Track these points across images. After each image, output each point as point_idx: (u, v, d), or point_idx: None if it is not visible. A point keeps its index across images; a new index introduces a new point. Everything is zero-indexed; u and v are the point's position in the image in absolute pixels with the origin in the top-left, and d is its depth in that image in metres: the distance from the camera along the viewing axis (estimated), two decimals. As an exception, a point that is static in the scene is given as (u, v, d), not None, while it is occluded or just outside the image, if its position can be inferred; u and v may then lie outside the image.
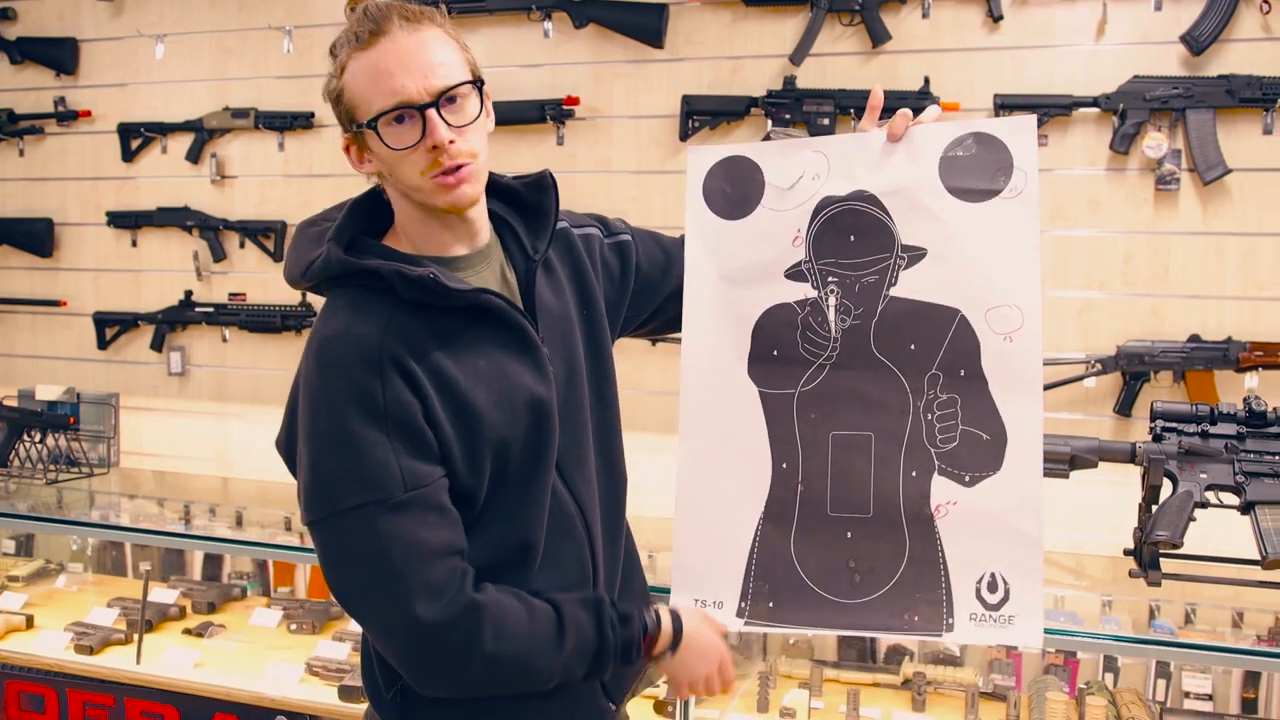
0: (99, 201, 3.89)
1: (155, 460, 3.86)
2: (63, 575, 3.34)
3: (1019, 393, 1.59)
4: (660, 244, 1.75)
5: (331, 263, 1.39)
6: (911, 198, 1.61)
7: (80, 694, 2.58)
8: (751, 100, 3.13)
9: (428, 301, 1.37)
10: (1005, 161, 1.59)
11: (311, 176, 3.62)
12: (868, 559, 1.63)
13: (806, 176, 1.66)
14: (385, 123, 1.34)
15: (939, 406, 1.61)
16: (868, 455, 1.62)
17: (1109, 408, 2.90)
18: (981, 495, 1.59)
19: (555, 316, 1.53)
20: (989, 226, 1.59)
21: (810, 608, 1.65)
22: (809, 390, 1.66)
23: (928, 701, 2.39)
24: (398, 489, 1.31)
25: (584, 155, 3.34)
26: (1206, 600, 2.17)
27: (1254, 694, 2.44)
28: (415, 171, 1.37)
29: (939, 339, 1.61)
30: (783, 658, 2.57)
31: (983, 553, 1.60)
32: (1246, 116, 2.81)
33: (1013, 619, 1.58)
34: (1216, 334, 2.83)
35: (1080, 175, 2.94)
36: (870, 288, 1.64)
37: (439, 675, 1.36)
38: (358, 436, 1.31)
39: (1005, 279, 1.59)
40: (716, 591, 1.69)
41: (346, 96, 1.37)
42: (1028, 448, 1.58)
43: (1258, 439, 1.96)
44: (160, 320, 3.78)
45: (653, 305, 1.74)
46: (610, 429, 1.61)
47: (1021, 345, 1.58)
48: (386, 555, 1.31)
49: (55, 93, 3.92)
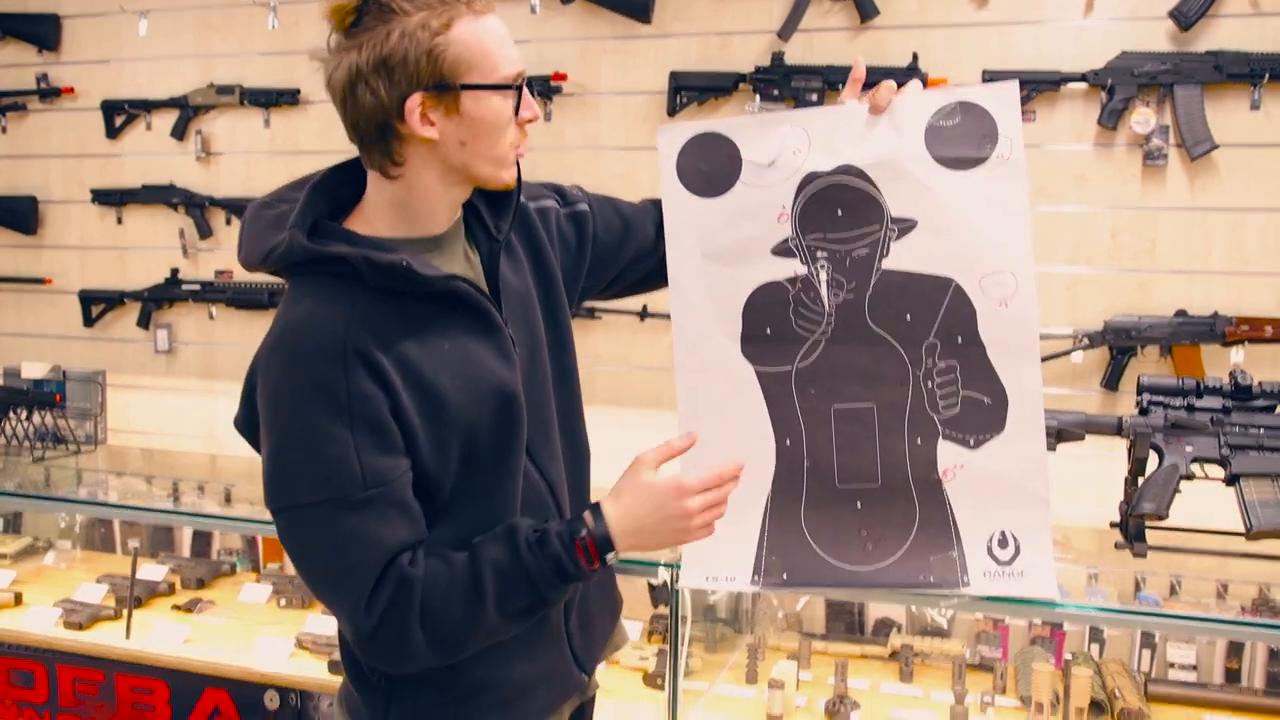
0: (83, 179, 3.87)
1: (143, 438, 3.85)
2: (51, 552, 3.34)
3: (1017, 356, 1.62)
4: (618, 210, 1.74)
5: (295, 249, 1.36)
6: (898, 169, 1.61)
7: (70, 670, 2.58)
8: (740, 76, 3.13)
9: (395, 288, 1.35)
10: (990, 129, 1.59)
11: (298, 153, 3.60)
12: (879, 527, 1.66)
13: (786, 151, 1.66)
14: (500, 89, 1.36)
15: (939, 374, 1.63)
16: (871, 426, 1.64)
17: (1096, 382, 2.92)
18: (987, 456, 1.62)
19: (517, 296, 1.52)
20: (978, 194, 1.59)
21: (826, 576, 1.68)
22: (806, 366, 1.67)
23: (915, 673, 2.41)
24: (358, 487, 1.31)
25: (571, 131, 3.33)
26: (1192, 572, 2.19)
27: (1237, 664, 2.47)
28: (506, 142, 1.39)
29: (935, 308, 1.62)
30: (771, 630, 2.58)
31: (992, 512, 1.63)
32: (1234, 92, 2.81)
33: (1024, 573, 1.63)
34: (1203, 309, 2.84)
35: (1068, 151, 2.94)
36: (862, 261, 1.64)
37: (392, 660, 1.39)
38: (319, 432, 1.30)
39: (997, 245, 1.60)
40: (729, 568, 1.71)
41: (452, 53, 1.31)
42: (1029, 408, 1.61)
43: (1243, 412, 1.98)
44: (146, 298, 3.77)
45: (612, 272, 1.73)
46: (572, 405, 1.61)
47: (1017, 309, 1.61)
48: (342, 552, 1.33)
49: (37, 69, 3.89)
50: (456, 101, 1.34)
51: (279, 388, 1.33)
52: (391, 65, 1.31)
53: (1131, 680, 2.29)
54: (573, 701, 1.63)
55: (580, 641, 1.60)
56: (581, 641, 1.61)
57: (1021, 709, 2.21)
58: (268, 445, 1.35)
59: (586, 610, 1.63)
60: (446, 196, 1.43)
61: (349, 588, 1.34)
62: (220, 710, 2.45)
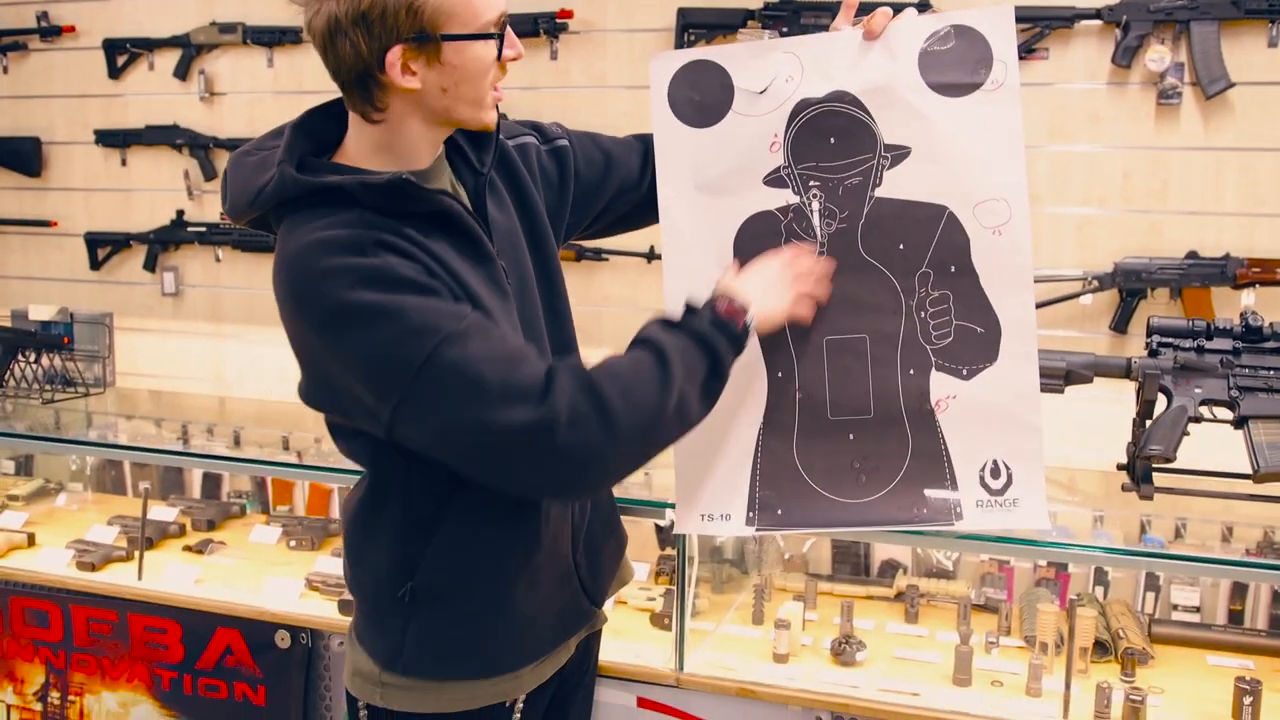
0: (86, 120, 3.84)
1: (151, 380, 3.86)
2: (62, 494, 3.36)
3: (1010, 285, 1.60)
4: (599, 144, 1.73)
5: (287, 183, 1.36)
6: (892, 95, 1.58)
7: (84, 609, 2.61)
8: (748, 13, 3.08)
9: (393, 208, 1.35)
10: (985, 54, 1.56)
11: (301, 93, 3.56)
12: (872, 458, 1.66)
13: (779, 79, 1.63)
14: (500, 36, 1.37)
15: (931, 304, 1.62)
16: (864, 357, 1.63)
17: (1105, 324, 2.90)
18: (980, 387, 1.62)
19: (504, 232, 1.52)
20: (972, 120, 1.57)
21: (819, 510, 1.67)
22: None
23: (920, 613, 2.43)
24: (451, 322, 1.29)
25: (578, 70, 3.29)
26: (1197, 515, 2.20)
27: (1241, 606, 2.48)
28: (487, 85, 1.39)
29: (928, 237, 1.61)
30: (778, 571, 2.60)
31: (984, 442, 1.63)
32: (1252, 29, 2.76)
33: (1017, 501, 1.63)
34: (1214, 250, 2.82)
35: (1080, 89, 2.90)
36: (854, 189, 1.62)
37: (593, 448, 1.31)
38: (384, 305, 1.27)
39: (991, 173, 1.58)
40: (723, 505, 1.71)
41: (432, 4, 1.31)
42: (1022, 338, 1.60)
43: (1253, 354, 1.97)
44: (152, 240, 3.75)
45: (596, 208, 1.73)
46: (565, 341, 1.62)
47: (1010, 238, 1.58)
48: (479, 377, 1.28)
49: (37, 7, 3.84)
50: (438, 51, 1.34)
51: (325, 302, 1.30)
52: (371, 19, 1.30)
53: (1135, 621, 2.30)
54: (581, 633, 1.67)
55: (588, 572, 1.64)
56: (589, 573, 1.64)
57: (1026, 649, 2.23)
58: (349, 355, 1.31)
59: (593, 542, 1.66)
60: (428, 136, 1.43)
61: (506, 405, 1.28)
62: (232, 649, 2.48)
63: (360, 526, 1.55)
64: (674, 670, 2.12)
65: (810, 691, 2.06)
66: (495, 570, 1.50)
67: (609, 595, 1.74)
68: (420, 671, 1.51)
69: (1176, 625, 2.33)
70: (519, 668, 1.54)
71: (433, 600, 1.49)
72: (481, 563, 1.49)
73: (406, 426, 1.32)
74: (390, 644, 1.51)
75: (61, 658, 2.66)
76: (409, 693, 1.52)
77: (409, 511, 1.48)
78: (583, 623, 1.65)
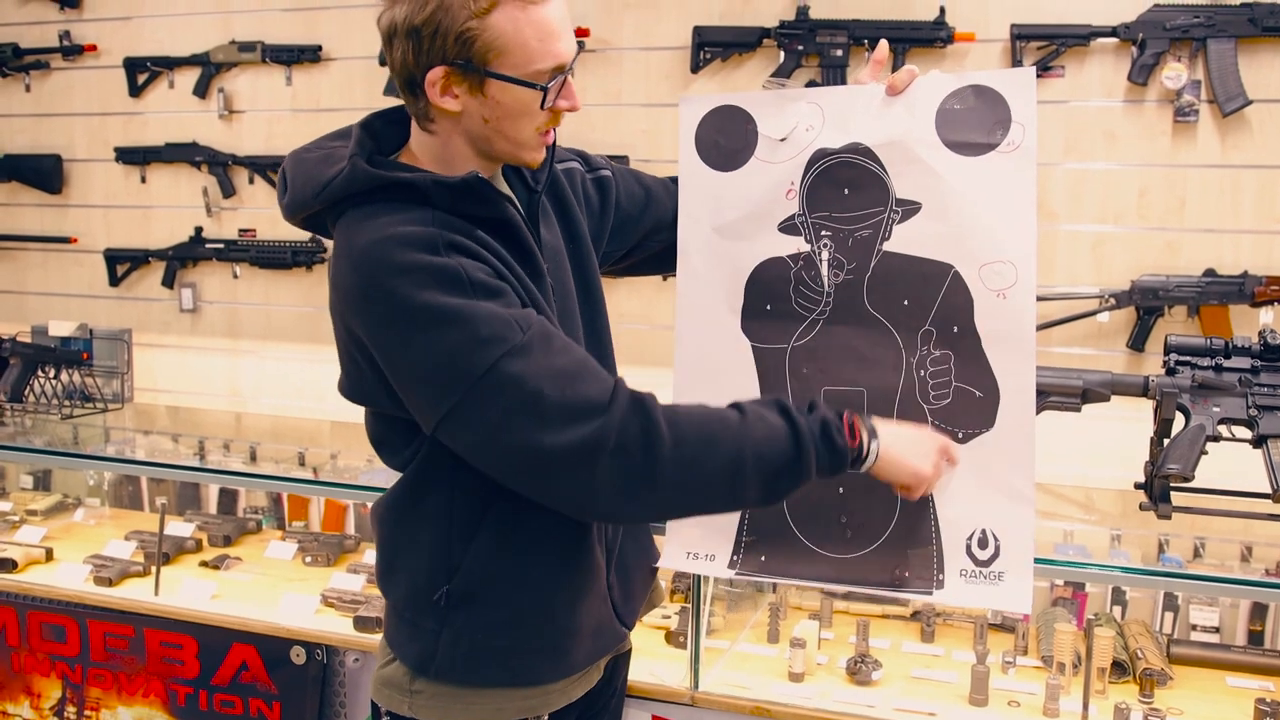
0: (107, 137, 3.87)
1: (169, 396, 3.88)
2: (80, 509, 3.38)
3: (1012, 350, 1.57)
4: (640, 181, 1.76)
5: (358, 175, 1.38)
6: (906, 150, 1.58)
7: (100, 624, 2.63)
8: (764, 31, 3.09)
9: (462, 210, 1.37)
10: (1003, 115, 1.55)
11: (319, 111, 3.59)
12: (860, 514, 1.64)
13: (800, 128, 1.64)
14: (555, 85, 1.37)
15: (932, 363, 1.60)
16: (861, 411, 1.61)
17: (1122, 342, 2.89)
18: (974, 452, 1.59)
19: (551, 250, 1.54)
20: (985, 181, 1.56)
21: (801, 561, 1.66)
22: (801, 345, 1.66)
23: (936, 633, 2.41)
24: (516, 334, 1.30)
25: (594, 88, 3.30)
26: (1216, 534, 2.18)
27: (1261, 626, 2.46)
28: (533, 126, 1.40)
29: (932, 295, 1.60)
30: (793, 590, 2.59)
31: (974, 509, 1.60)
32: (1269, 46, 2.76)
33: (1002, 575, 1.58)
34: (1232, 268, 2.81)
35: (1097, 107, 2.89)
36: (864, 242, 1.62)
37: (632, 481, 1.30)
38: (456, 309, 1.28)
39: (1000, 235, 1.56)
40: (709, 545, 1.71)
41: (485, 38, 1.31)
42: (1020, 405, 1.57)
43: (1272, 373, 1.96)
44: (171, 256, 3.78)
45: (631, 241, 1.75)
46: (605, 362, 1.62)
47: (1015, 302, 1.56)
48: (539, 394, 1.28)
49: (60, 26, 3.88)
50: (482, 83, 1.35)
51: (392, 298, 1.30)
52: (422, 35, 1.32)
53: (1154, 641, 2.29)
54: (610, 654, 1.67)
55: (620, 594, 1.64)
56: (621, 595, 1.64)
57: (1043, 669, 2.21)
58: (411, 358, 1.32)
59: (624, 564, 1.66)
60: (477, 160, 1.45)
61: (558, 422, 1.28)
62: (248, 665, 2.48)
63: (398, 526, 1.54)
64: (689, 689, 2.12)
65: (826, 711, 2.05)
66: (536, 579, 1.49)
67: (639, 617, 1.73)
68: (452, 677, 1.50)
69: (1196, 646, 2.31)
70: (550, 681, 1.54)
71: (470, 605, 1.48)
72: (523, 571, 1.49)
73: (453, 430, 1.33)
74: (423, 648, 1.50)
75: (78, 672, 2.67)
76: (437, 700, 1.51)
77: (452, 512, 1.48)
78: (613, 643, 1.64)
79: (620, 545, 1.64)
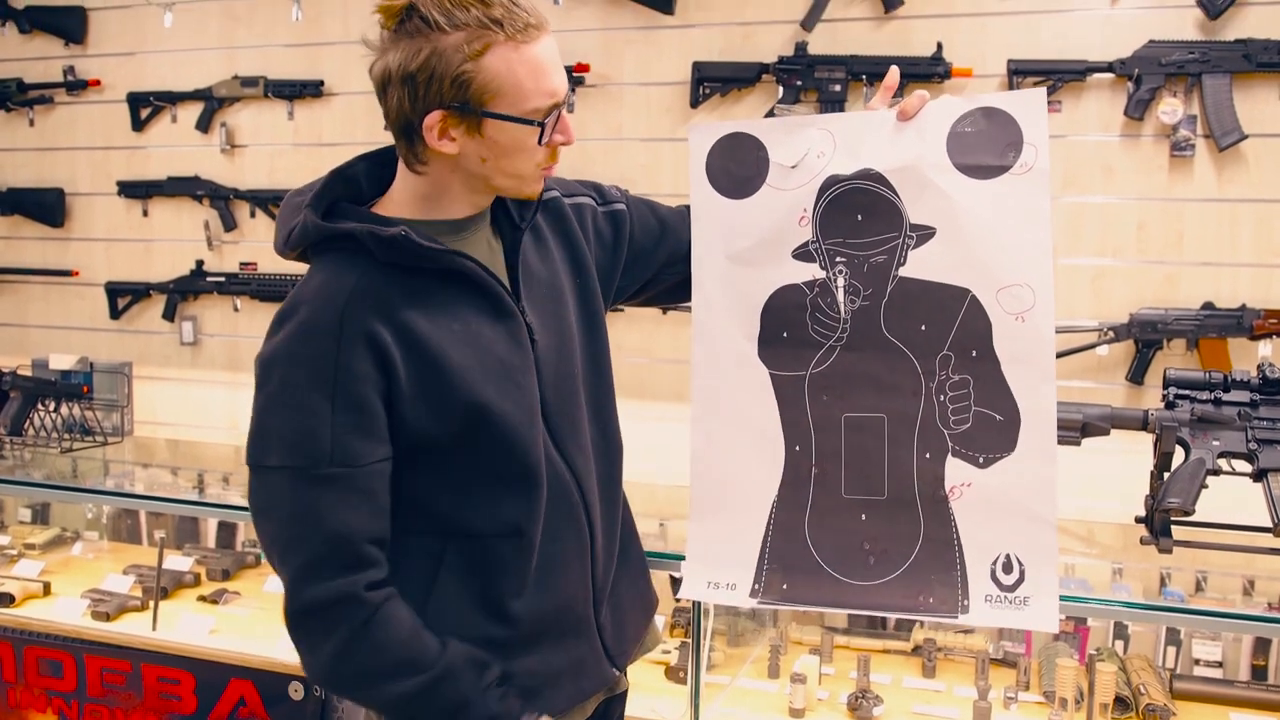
0: (109, 171, 3.90)
1: (169, 429, 3.88)
2: (79, 543, 3.37)
3: (1032, 373, 1.56)
4: (655, 213, 1.75)
5: (309, 229, 1.41)
6: (919, 175, 1.58)
7: (98, 660, 2.61)
8: (763, 67, 3.11)
9: (403, 263, 1.38)
10: (1015, 137, 1.55)
11: (321, 145, 3.61)
12: (882, 541, 1.62)
13: (812, 154, 1.64)
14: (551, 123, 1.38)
15: (951, 388, 1.60)
16: (881, 437, 1.61)
17: (1121, 375, 2.90)
18: (996, 476, 1.58)
19: (542, 285, 1.53)
20: (999, 203, 1.55)
21: (824, 589, 1.64)
22: (820, 372, 1.65)
23: (938, 668, 2.40)
24: (324, 462, 1.33)
25: (595, 123, 3.32)
26: (1217, 568, 2.17)
27: (1264, 661, 2.45)
28: (532, 163, 1.41)
29: (950, 319, 1.59)
30: (793, 625, 2.58)
31: (998, 534, 1.58)
32: (1263, 81, 2.78)
33: (1028, 600, 1.57)
34: (1230, 301, 2.81)
35: (1094, 142, 2.91)
36: (879, 268, 1.61)
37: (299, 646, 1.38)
38: (300, 400, 1.33)
39: (1016, 257, 1.55)
40: (730, 574, 1.68)
41: (480, 80, 1.33)
42: (1041, 428, 1.56)
43: (1271, 406, 1.96)
44: (172, 290, 3.79)
45: (647, 274, 1.74)
46: (605, 397, 1.62)
47: (1034, 325, 1.55)
48: (295, 521, 1.34)
49: (64, 62, 3.92)
50: (479, 124, 1.36)
51: (275, 352, 1.36)
52: (418, 81, 1.34)
53: (1156, 676, 2.27)
54: (600, 695, 1.64)
55: (612, 635, 1.61)
56: (613, 635, 1.61)
57: (1045, 705, 2.20)
58: (254, 404, 1.38)
59: (619, 605, 1.63)
60: (469, 196, 1.46)
61: (292, 558, 1.35)
62: (245, 701, 2.46)
63: None
64: (689, 724, 2.10)
65: (827, 747, 2.04)
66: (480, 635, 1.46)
67: (632, 659, 1.70)
68: None
69: (1199, 681, 2.30)
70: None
71: None
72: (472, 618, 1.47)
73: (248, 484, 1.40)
74: None
75: (74, 708, 2.65)
76: None
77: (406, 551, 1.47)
78: (599, 685, 1.60)
79: (614, 584, 1.61)
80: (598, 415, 1.59)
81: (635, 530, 1.72)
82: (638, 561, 1.72)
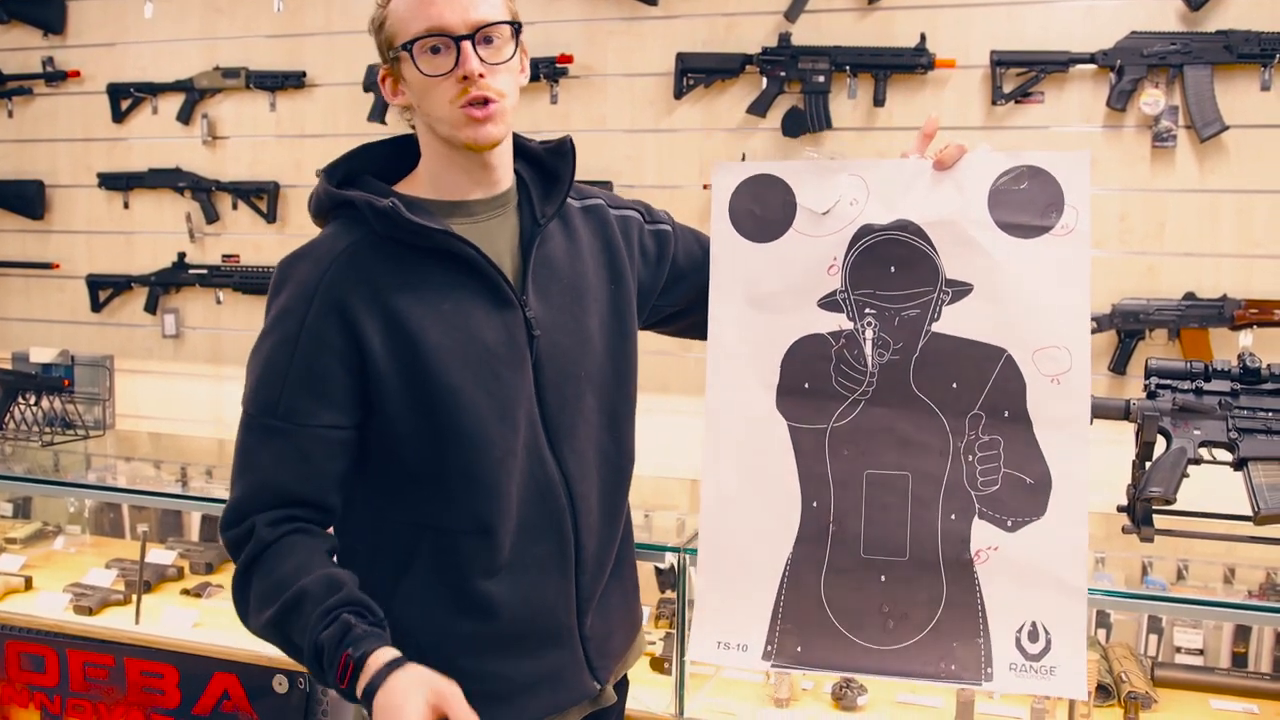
0: (90, 163, 3.87)
1: (151, 422, 3.86)
2: (60, 537, 3.35)
3: (1065, 436, 1.52)
4: (700, 242, 1.72)
5: (321, 196, 1.48)
6: (958, 230, 1.54)
7: (80, 654, 2.60)
8: (746, 58, 3.11)
9: (399, 237, 1.41)
10: (1057, 197, 1.52)
11: (303, 137, 3.59)
12: (902, 604, 1.56)
13: (844, 201, 1.59)
14: (421, 49, 1.39)
15: (980, 448, 1.55)
16: (904, 496, 1.56)
17: (1104, 365, 2.91)
18: (1024, 541, 1.53)
19: (560, 282, 1.51)
20: (1039, 264, 1.52)
21: (840, 652, 1.58)
22: (842, 426, 1.59)
23: (922, 657, 2.41)
24: (270, 413, 1.39)
25: (578, 114, 3.32)
26: (1198, 556, 2.19)
27: (1244, 648, 2.47)
28: (445, 100, 1.40)
29: (983, 378, 1.55)
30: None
31: (1024, 601, 1.53)
32: (1244, 73, 2.80)
33: (1054, 670, 1.51)
34: (1212, 292, 2.83)
35: (1076, 133, 2.92)
36: (911, 322, 1.57)
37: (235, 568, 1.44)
38: (267, 352, 1.41)
39: (1054, 319, 1.52)
40: (741, 634, 1.61)
41: (388, 24, 1.41)
42: (1073, 493, 1.52)
43: (1251, 395, 1.97)
44: (154, 282, 3.77)
45: (686, 297, 1.71)
46: (623, 406, 1.59)
47: (1069, 387, 1.52)
48: (238, 459, 1.43)
49: (43, 53, 3.89)
50: (399, 68, 1.43)
51: (269, 303, 1.45)
52: (377, 42, 1.45)
53: (1138, 664, 2.29)
54: (583, 708, 1.59)
55: (595, 648, 1.57)
56: (597, 648, 1.58)
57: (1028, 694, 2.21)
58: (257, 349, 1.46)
59: (609, 616, 1.60)
60: (463, 169, 1.46)
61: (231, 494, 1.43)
62: (230, 694, 2.46)
63: None
64: (674, 715, 2.11)
65: (811, 737, 2.04)
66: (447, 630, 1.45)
67: (616, 674, 1.65)
68: None
69: (1180, 668, 2.31)
70: None
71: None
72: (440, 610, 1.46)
73: None
74: None
75: (57, 703, 2.64)
76: None
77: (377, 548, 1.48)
78: (580, 697, 1.57)
79: (606, 594, 1.58)
80: (612, 424, 1.56)
81: (633, 544, 1.69)
82: (630, 576, 1.69)
